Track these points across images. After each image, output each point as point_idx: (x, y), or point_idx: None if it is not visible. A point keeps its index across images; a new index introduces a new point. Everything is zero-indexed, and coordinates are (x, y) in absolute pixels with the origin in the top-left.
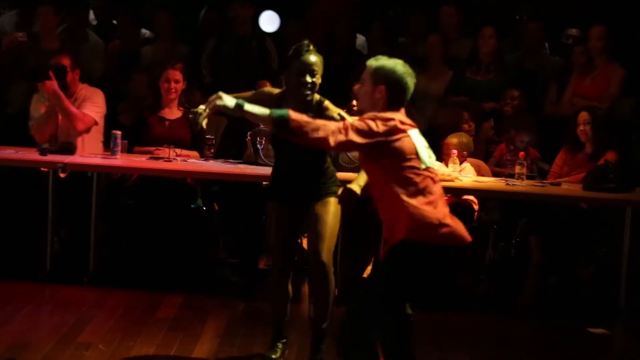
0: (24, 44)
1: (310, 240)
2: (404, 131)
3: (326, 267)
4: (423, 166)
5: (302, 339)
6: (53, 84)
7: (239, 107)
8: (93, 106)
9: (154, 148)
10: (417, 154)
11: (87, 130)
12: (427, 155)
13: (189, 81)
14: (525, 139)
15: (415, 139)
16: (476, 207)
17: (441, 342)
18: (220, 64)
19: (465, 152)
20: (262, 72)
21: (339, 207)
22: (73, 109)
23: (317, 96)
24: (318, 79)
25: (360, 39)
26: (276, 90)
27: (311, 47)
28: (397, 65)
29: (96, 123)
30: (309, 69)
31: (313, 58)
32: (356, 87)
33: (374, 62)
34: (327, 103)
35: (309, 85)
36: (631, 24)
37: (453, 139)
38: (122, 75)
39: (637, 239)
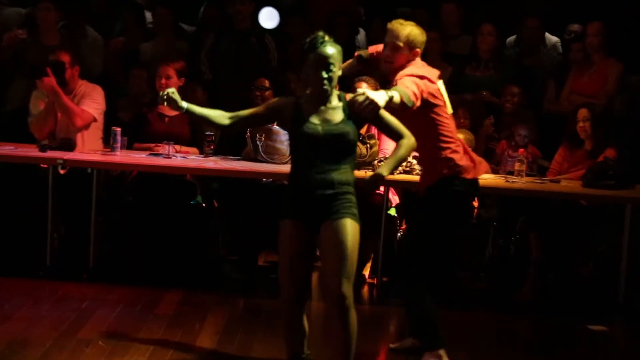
0: (24, 40)
1: (324, 268)
2: (435, 83)
3: (346, 302)
4: (450, 112)
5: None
6: (51, 80)
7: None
8: (92, 102)
9: (153, 145)
10: (445, 102)
11: (86, 127)
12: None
13: (190, 77)
14: (524, 132)
15: (442, 89)
16: (475, 204)
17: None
18: (219, 61)
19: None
20: (261, 69)
21: (354, 231)
22: (72, 105)
23: (336, 92)
24: (336, 72)
25: (361, 33)
26: (284, 99)
27: (326, 38)
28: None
29: (95, 119)
30: (325, 63)
31: (330, 50)
32: (375, 50)
33: (401, 27)
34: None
35: (325, 80)
36: (629, 20)
37: (459, 135)
38: (123, 72)
39: (636, 236)
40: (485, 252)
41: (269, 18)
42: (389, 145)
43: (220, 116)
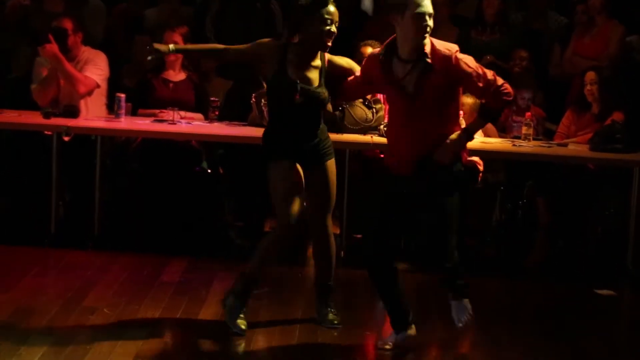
0: (28, 7)
1: (313, 204)
2: None
3: (328, 229)
4: None
5: (309, 302)
6: (53, 47)
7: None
8: (95, 69)
9: (158, 111)
10: None
11: (89, 93)
12: None
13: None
14: (527, 96)
15: None
16: (481, 168)
17: (446, 304)
18: (225, 26)
19: (475, 113)
20: (267, 35)
21: (335, 169)
22: (74, 71)
23: None
24: (335, 30)
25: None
26: (272, 42)
27: None
28: None
29: (98, 86)
30: (333, 20)
31: (333, 8)
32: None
33: None
34: (329, 55)
35: (332, 36)
36: None
37: (468, 99)
38: (127, 38)
39: None
40: (492, 217)
41: None
42: None
43: (213, 47)
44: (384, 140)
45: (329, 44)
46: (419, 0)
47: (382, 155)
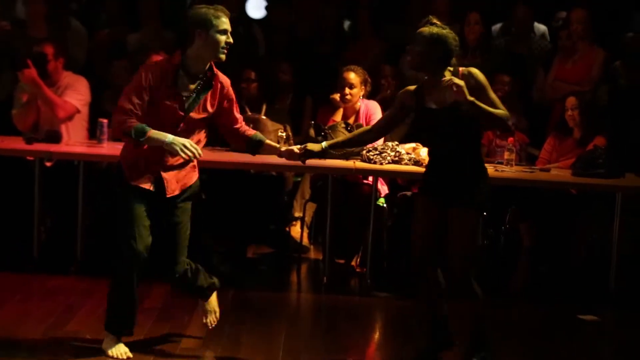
0: (9, 32)
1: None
2: None
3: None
4: None
5: (292, 328)
6: (32, 72)
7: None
8: (75, 94)
9: None
10: None
11: (70, 118)
12: None
13: None
14: (511, 121)
15: None
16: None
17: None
18: None
19: None
20: (249, 59)
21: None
22: (53, 96)
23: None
24: None
25: (346, 23)
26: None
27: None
28: None
29: (78, 111)
30: None
31: None
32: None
33: None
34: None
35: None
36: (613, 7)
37: None
38: (109, 63)
39: (626, 224)
40: None
41: (256, 7)
42: None
43: (362, 132)
44: (366, 165)
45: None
46: None
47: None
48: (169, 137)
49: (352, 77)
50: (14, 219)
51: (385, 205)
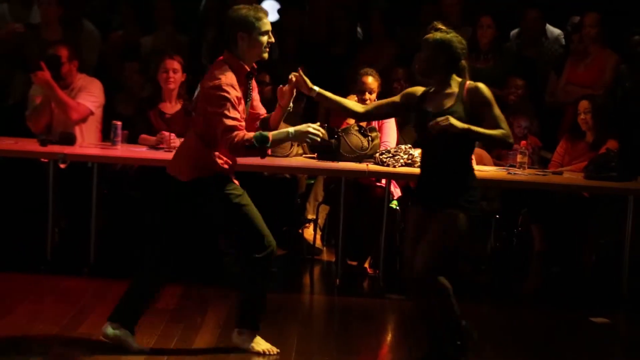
0: (23, 34)
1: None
2: None
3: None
4: None
5: (305, 329)
6: (45, 74)
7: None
8: (89, 96)
9: (157, 137)
10: None
11: (83, 120)
12: None
13: (190, 72)
14: (524, 124)
15: None
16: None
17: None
18: (221, 54)
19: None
20: (262, 63)
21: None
22: (67, 99)
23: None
24: None
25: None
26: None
27: None
28: None
29: (92, 113)
30: None
31: None
32: None
33: None
34: None
35: None
36: (626, 11)
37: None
38: (122, 65)
39: (639, 227)
40: (487, 245)
41: (269, 11)
42: (390, 138)
43: (355, 104)
44: (379, 168)
45: None
46: None
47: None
48: (291, 130)
49: (371, 81)
50: (27, 220)
51: (398, 207)
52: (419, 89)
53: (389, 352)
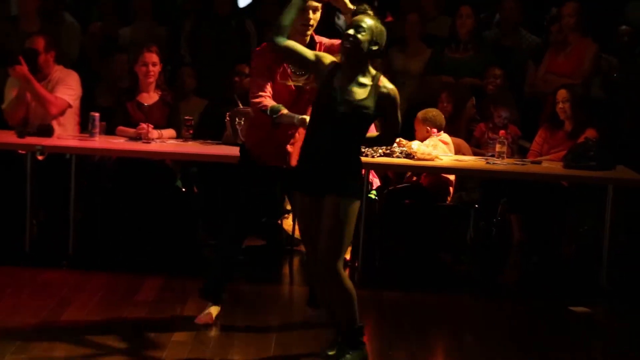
0: (0, 27)
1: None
2: None
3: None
4: None
5: (284, 320)
6: (22, 68)
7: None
8: (67, 89)
9: (136, 129)
10: None
11: (62, 113)
12: None
13: (170, 63)
14: (504, 114)
15: None
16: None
17: (421, 322)
18: (199, 45)
19: (434, 129)
20: (241, 54)
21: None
22: (44, 93)
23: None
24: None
25: (342, 18)
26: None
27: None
28: None
29: (70, 106)
30: None
31: None
32: None
33: None
34: None
35: None
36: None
37: (418, 115)
38: (101, 56)
39: (618, 216)
40: (466, 235)
41: None
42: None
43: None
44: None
45: None
46: None
47: None
48: (297, 117)
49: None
50: (5, 213)
51: (376, 197)
52: (328, 58)
53: (367, 342)
